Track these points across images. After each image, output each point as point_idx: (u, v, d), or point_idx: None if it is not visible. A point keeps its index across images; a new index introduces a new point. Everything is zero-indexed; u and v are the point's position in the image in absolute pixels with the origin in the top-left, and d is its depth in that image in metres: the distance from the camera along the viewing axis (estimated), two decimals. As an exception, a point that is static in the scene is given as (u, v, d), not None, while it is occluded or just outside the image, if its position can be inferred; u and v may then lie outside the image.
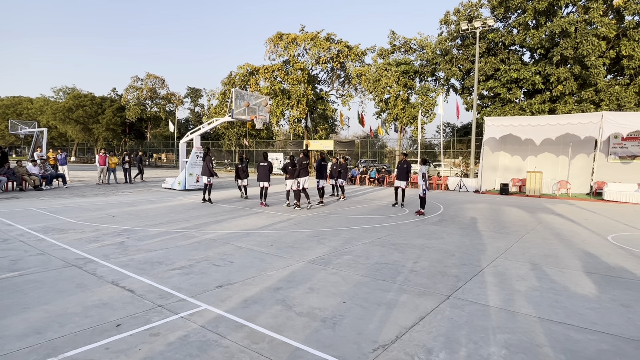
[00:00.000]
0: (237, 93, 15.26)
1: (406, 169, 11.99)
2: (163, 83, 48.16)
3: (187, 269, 5.06)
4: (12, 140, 54.29)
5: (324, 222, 9.09)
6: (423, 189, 10.53)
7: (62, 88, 54.62)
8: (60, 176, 16.25)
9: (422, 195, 10.60)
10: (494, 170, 19.92)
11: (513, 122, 18.04)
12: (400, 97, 29.80)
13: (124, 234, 7.10)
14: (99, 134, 47.93)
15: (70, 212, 9.45)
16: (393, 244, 6.90)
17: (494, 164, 19.89)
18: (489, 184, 19.38)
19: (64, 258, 5.39)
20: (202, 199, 12.16)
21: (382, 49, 32.27)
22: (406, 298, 4.21)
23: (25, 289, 4.18)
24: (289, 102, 32.22)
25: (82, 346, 2.97)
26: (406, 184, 12.12)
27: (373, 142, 36.32)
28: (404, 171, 12.00)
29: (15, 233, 6.88)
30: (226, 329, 3.34)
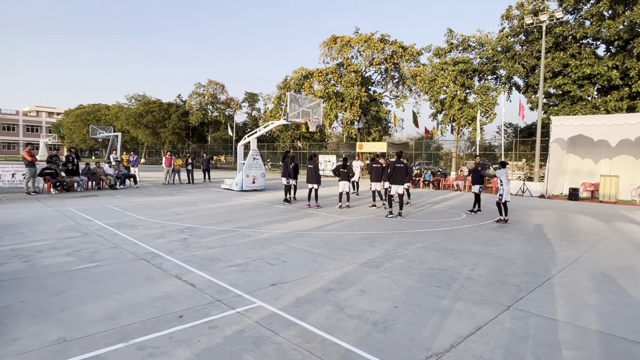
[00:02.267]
0: (291, 97, 15.62)
1: (480, 173, 11.36)
2: (223, 89, 50.52)
3: (244, 266, 5.27)
4: (92, 144, 59.90)
5: (377, 224, 9.00)
6: (500, 195, 9.80)
7: (134, 95, 59.33)
8: (131, 176, 17.68)
9: (501, 201, 9.79)
10: (562, 173, 18.44)
11: (584, 122, 16.56)
12: (457, 97, 28.69)
13: (187, 231, 7.56)
14: (165, 138, 51.35)
15: (140, 209, 10.24)
16: (448, 249, 6.67)
17: (561, 167, 18.40)
18: (556, 188, 17.97)
19: (134, 252, 5.87)
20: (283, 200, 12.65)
21: (438, 48, 31.31)
22: (462, 306, 4.05)
23: (102, 279, 4.61)
24: (342, 105, 32.32)
25: (149, 334, 3.22)
26: (480, 189, 11.32)
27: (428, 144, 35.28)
28: (477, 175, 11.37)
29: (94, 228, 7.61)
30: (279, 326, 3.44)
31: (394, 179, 10.10)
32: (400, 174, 10.07)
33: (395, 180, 10.09)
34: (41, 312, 3.61)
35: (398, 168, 10.08)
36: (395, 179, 10.08)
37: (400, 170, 10.08)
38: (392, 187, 10.19)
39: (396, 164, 10.14)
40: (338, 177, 11.79)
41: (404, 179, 10.21)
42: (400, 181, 10.10)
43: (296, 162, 13.58)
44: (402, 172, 10.11)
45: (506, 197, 9.74)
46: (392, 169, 10.14)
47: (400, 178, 10.08)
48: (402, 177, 10.11)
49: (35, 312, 3.59)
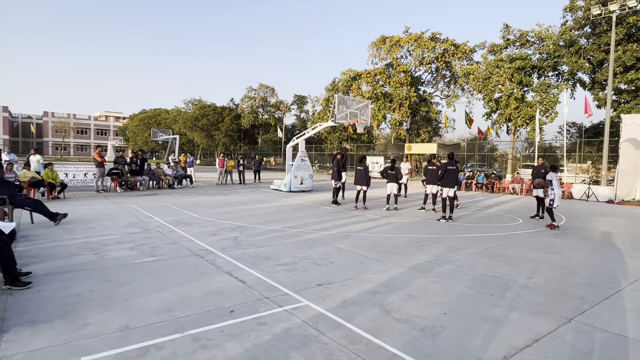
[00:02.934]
0: (339, 98, 15.67)
1: (544, 175, 10.35)
2: (273, 92, 51.83)
3: (291, 265, 5.38)
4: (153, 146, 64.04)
5: (425, 228, 8.78)
6: (551, 200, 9.20)
7: (191, 100, 62.64)
8: (188, 177, 18.68)
9: (550, 207, 9.23)
10: (635, 177, 16.79)
11: (663, 120, 15.01)
12: (513, 95, 27.18)
13: (238, 229, 7.85)
14: (219, 140, 53.63)
15: (195, 208, 10.79)
16: (503, 255, 6.35)
17: (635, 170, 16.76)
18: (627, 193, 16.40)
19: (189, 248, 6.20)
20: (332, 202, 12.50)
21: (493, 45, 29.89)
22: (517, 316, 3.84)
23: (160, 272, 4.93)
24: (390, 105, 31.87)
25: (203, 326, 3.39)
26: (544, 192, 10.50)
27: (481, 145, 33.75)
28: (541, 177, 10.48)
29: (154, 224, 8.13)
30: (325, 326, 3.47)
31: (445, 182, 9.79)
32: (452, 176, 9.75)
33: (447, 183, 9.77)
34: (108, 300, 3.93)
35: (450, 170, 9.76)
36: (446, 181, 9.76)
37: (452, 173, 9.76)
38: (443, 190, 9.86)
39: (448, 165, 9.81)
40: (386, 178, 11.64)
41: (455, 181, 9.85)
42: (451, 184, 9.76)
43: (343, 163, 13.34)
44: (455, 174, 9.79)
45: (557, 202, 9.13)
46: (443, 170, 9.83)
47: (451, 181, 9.75)
48: (453, 179, 9.78)
49: (103, 301, 3.92)
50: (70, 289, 4.21)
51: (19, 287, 4.15)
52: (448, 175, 9.74)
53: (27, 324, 3.35)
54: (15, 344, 3.00)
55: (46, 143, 72.67)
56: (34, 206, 7.70)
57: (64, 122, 72.70)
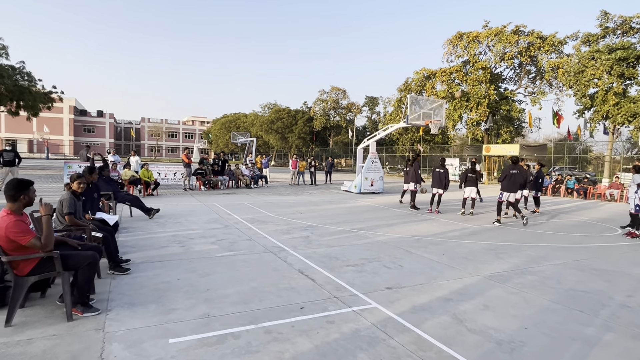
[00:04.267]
0: (412, 99, 15.29)
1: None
2: (345, 94, 52.20)
3: (360, 267, 5.40)
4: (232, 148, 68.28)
5: (504, 235, 8.20)
6: (637, 205, 8.21)
7: (267, 104, 65.63)
8: (263, 177, 19.61)
9: (635, 212, 8.27)
10: None
11: None
12: (612, 90, 24.11)
13: (309, 229, 8.07)
14: (292, 142, 55.43)
15: (269, 207, 11.31)
16: (596, 269, 5.70)
17: None
18: None
19: (264, 245, 6.53)
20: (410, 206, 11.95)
21: (588, 34, 26.80)
22: (613, 337, 3.44)
23: (238, 266, 5.27)
24: (467, 105, 30.24)
25: (275, 320, 3.57)
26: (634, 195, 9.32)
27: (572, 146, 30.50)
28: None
29: (233, 221, 8.69)
30: (394, 330, 3.43)
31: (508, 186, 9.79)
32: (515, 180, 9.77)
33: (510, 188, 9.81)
34: (192, 289, 4.31)
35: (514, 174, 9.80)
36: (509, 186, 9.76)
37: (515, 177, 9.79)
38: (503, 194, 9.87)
39: (511, 169, 9.88)
40: (464, 181, 11.05)
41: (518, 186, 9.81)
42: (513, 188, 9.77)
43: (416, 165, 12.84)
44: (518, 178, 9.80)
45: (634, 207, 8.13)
46: (506, 175, 9.86)
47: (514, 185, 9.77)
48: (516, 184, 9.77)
49: (188, 289, 4.30)
50: (161, 277, 4.69)
51: (120, 273, 4.74)
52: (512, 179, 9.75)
53: (127, 305, 3.82)
54: (116, 322, 3.44)
55: (143, 145, 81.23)
56: (133, 201, 8.69)
57: (157, 126, 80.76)
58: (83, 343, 3.05)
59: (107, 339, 3.13)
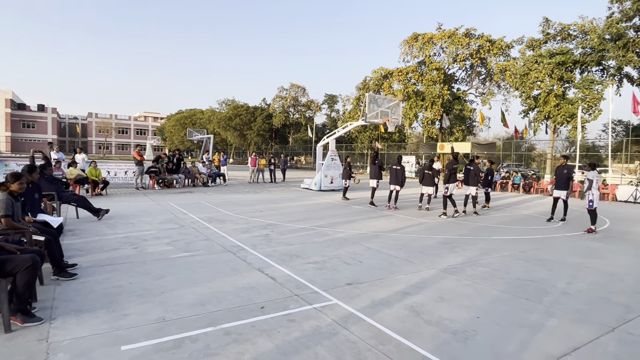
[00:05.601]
0: (370, 97, 15.56)
1: (567, 176, 9.88)
2: (304, 92, 52.18)
3: (321, 264, 5.42)
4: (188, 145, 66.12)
5: (458, 229, 8.57)
6: (590, 200, 8.68)
7: (225, 100, 64.10)
8: (221, 175, 19.16)
9: (591, 208, 8.70)
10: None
11: None
12: (553, 92, 25.94)
13: (269, 227, 7.98)
14: (251, 139, 54.65)
15: (228, 206, 11.06)
16: (540, 259, 6.10)
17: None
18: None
19: (222, 244, 6.37)
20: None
21: (532, 39, 28.61)
22: (555, 323, 3.69)
23: (195, 267, 5.10)
24: (422, 104, 31.28)
25: (234, 321, 3.49)
26: (567, 194, 9.96)
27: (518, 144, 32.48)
28: (564, 178, 9.92)
29: (189, 221, 8.41)
30: (354, 326, 3.47)
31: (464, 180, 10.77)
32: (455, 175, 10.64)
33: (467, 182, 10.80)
34: (146, 293, 4.12)
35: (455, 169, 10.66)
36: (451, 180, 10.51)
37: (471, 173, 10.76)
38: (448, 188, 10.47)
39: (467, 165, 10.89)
40: (422, 178, 11.43)
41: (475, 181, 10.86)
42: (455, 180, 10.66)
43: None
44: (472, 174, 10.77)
45: (596, 203, 8.66)
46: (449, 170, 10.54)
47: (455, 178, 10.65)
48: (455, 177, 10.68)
49: (141, 293, 4.10)
50: (112, 281, 4.43)
51: (66, 278, 4.42)
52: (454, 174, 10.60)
53: (73, 312, 3.57)
54: (62, 330, 3.21)
55: (90, 142, 76.67)
56: (79, 202, 8.16)
57: (106, 122, 76.43)
58: (24, 355, 2.82)
59: (51, 349, 2.91)
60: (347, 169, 13.67)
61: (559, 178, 10.08)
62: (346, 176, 13.70)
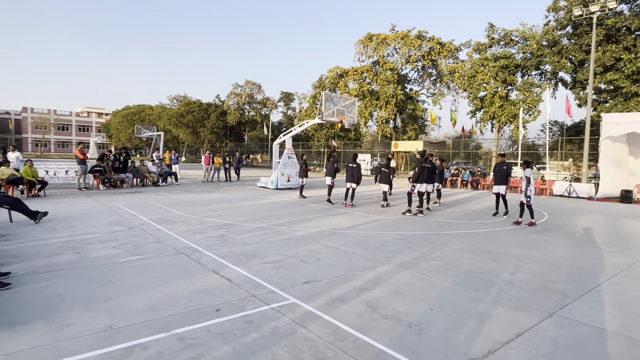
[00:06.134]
0: (326, 96, 15.66)
1: (505, 172, 10.52)
2: (259, 89, 51.51)
3: (278, 263, 5.36)
4: (136, 142, 62.97)
5: (412, 225, 8.86)
6: (528, 196, 9.26)
7: (176, 96, 61.69)
8: (173, 174, 18.42)
9: (528, 203, 9.29)
10: (613, 174, 17.25)
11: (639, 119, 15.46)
12: (498, 94, 27.59)
13: (224, 227, 7.78)
14: (204, 137, 53.09)
15: (180, 206, 10.66)
16: (487, 252, 6.45)
17: (613, 168, 17.21)
18: (606, 190, 16.86)
19: (175, 246, 6.12)
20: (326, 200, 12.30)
21: (478, 44, 30.24)
22: (501, 311, 3.91)
23: (145, 271, 4.85)
24: (377, 103, 32.00)
25: (188, 325, 3.35)
26: (506, 189, 10.63)
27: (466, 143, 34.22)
28: (503, 174, 10.54)
29: (138, 222, 8.00)
30: (312, 324, 3.47)
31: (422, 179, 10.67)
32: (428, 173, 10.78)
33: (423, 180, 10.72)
34: (90, 300, 3.85)
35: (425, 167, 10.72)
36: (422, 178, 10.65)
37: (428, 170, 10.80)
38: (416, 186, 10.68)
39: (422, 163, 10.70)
40: (378, 175, 11.74)
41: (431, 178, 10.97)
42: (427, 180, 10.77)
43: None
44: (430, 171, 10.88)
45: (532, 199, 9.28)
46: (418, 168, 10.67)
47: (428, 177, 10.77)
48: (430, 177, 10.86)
49: (85, 301, 3.83)
50: (52, 289, 4.10)
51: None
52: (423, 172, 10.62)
53: (6, 325, 3.26)
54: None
55: (25, 139, 70.72)
56: (12, 204, 7.48)
57: (44, 118, 70.82)
58: (-56, 377, 2.53)
59: (-22, 368, 2.63)
60: (303, 167, 13.70)
61: (498, 174, 10.69)
62: (303, 174, 13.72)
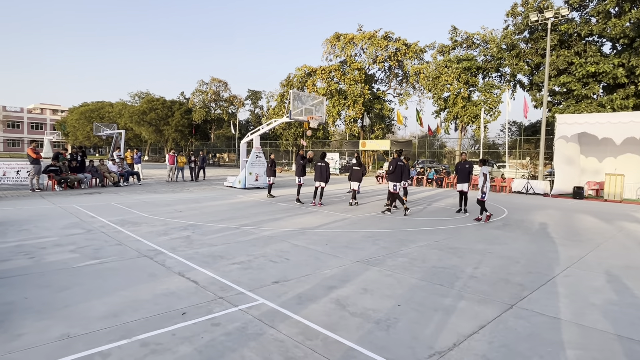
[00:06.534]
0: (294, 94, 15.61)
1: (468, 170, 10.89)
2: (226, 86, 50.55)
3: (246, 263, 5.28)
4: (95, 141, 60.11)
5: (379, 222, 8.99)
6: (483, 192, 9.57)
7: (138, 93, 59.32)
8: (135, 174, 17.74)
9: (483, 199, 9.62)
10: (566, 172, 18.30)
11: (589, 120, 16.48)
12: (461, 94, 28.56)
13: (190, 228, 7.58)
14: (168, 135, 51.47)
15: (143, 207, 10.28)
16: (451, 247, 6.65)
17: (566, 166, 18.26)
18: (560, 187, 17.86)
19: (137, 249, 5.89)
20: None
21: (442, 46, 31.17)
22: (465, 305, 4.04)
23: (105, 275, 4.63)
24: (345, 103, 32.27)
25: (152, 330, 3.23)
26: (468, 187, 10.99)
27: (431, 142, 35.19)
28: (465, 172, 10.90)
29: (98, 225, 7.64)
30: (281, 324, 3.44)
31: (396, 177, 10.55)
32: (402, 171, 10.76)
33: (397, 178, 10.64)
34: (46, 308, 3.63)
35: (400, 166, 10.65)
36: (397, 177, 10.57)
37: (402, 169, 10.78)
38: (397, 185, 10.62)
39: (398, 162, 10.60)
40: (350, 174, 11.87)
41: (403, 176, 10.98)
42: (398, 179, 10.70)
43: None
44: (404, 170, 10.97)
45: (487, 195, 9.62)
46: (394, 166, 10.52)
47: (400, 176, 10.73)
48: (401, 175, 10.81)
49: (40, 308, 3.61)
50: (1, 297, 3.84)
51: (-62, 298, 3.72)
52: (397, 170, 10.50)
53: (-52, 338, 3.01)
54: None
55: (-30, 137, 65.89)
56: (-44, 207, 6.93)
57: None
58: None
59: None
60: (270, 166, 13.60)
61: (460, 173, 11.06)
62: (270, 173, 13.61)
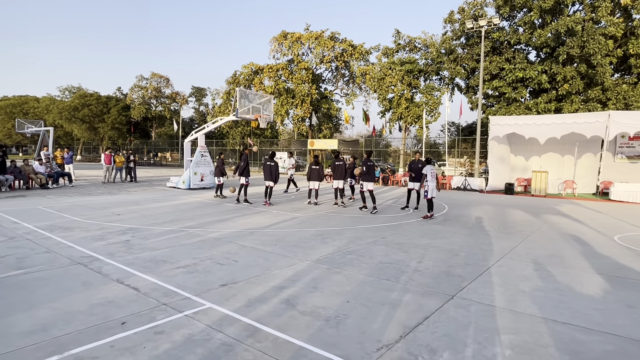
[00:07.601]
0: (241, 92, 15.29)
1: (420, 169, 10.98)
2: (168, 82, 48.28)
3: (192, 267, 5.08)
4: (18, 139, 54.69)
5: (328, 221, 9.09)
6: (425, 190, 9.93)
7: (68, 87, 54.84)
8: (66, 175, 16.37)
9: (428, 197, 9.95)
10: (499, 169, 19.76)
11: (518, 121, 17.93)
12: (404, 96, 29.70)
13: (129, 232, 7.14)
14: (104, 133, 48.19)
15: (76, 210, 9.52)
16: (397, 243, 6.89)
17: (499, 164, 19.73)
18: (494, 183, 19.25)
19: (69, 256, 5.43)
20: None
21: (386, 48, 32.16)
22: (410, 298, 4.21)
23: (32, 286, 4.22)
24: (293, 101, 32.22)
25: (88, 344, 3.00)
26: (420, 185, 11.08)
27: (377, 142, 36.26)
28: (417, 171, 11.08)
29: (22, 231, 6.94)
30: (230, 328, 3.35)
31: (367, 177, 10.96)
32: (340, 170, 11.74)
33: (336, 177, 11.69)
34: (-42, 327, 3.23)
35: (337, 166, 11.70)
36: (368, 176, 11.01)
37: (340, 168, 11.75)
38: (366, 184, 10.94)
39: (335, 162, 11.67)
40: (309, 173, 11.91)
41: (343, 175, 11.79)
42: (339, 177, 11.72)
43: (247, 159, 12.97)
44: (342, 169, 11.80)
45: (432, 194, 9.85)
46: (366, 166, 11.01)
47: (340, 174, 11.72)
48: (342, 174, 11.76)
49: (-49, 328, 3.20)
50: None
51: None
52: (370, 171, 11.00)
53: None
54: None
55: None
56: None
57: None
58: None
59: None
60: (219, 166, 13.26)
61: (413, 171, 11.39)
62: (219, 173, 13.26)
